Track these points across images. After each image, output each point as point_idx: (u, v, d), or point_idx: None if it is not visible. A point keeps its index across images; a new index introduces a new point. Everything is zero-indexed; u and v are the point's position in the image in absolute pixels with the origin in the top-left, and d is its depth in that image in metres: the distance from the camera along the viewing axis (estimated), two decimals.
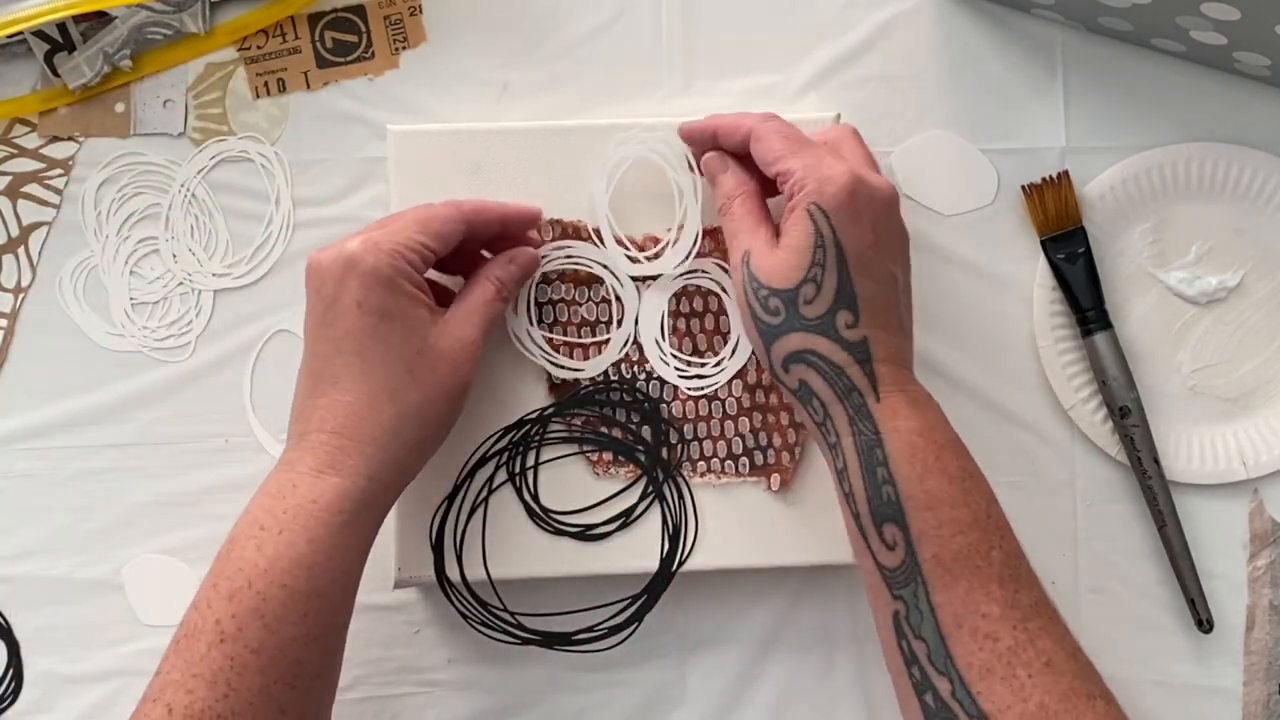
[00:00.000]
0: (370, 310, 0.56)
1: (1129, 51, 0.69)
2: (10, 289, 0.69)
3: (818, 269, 0.55)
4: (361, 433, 0.55)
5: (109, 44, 0.69)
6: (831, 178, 0.56)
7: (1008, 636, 0.51)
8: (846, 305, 0.55)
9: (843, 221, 0.55)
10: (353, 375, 0.56)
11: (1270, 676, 0.67)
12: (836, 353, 0.55)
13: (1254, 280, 0.69)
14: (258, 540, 0.53)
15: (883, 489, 0.53)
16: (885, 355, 0.55)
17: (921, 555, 0.52)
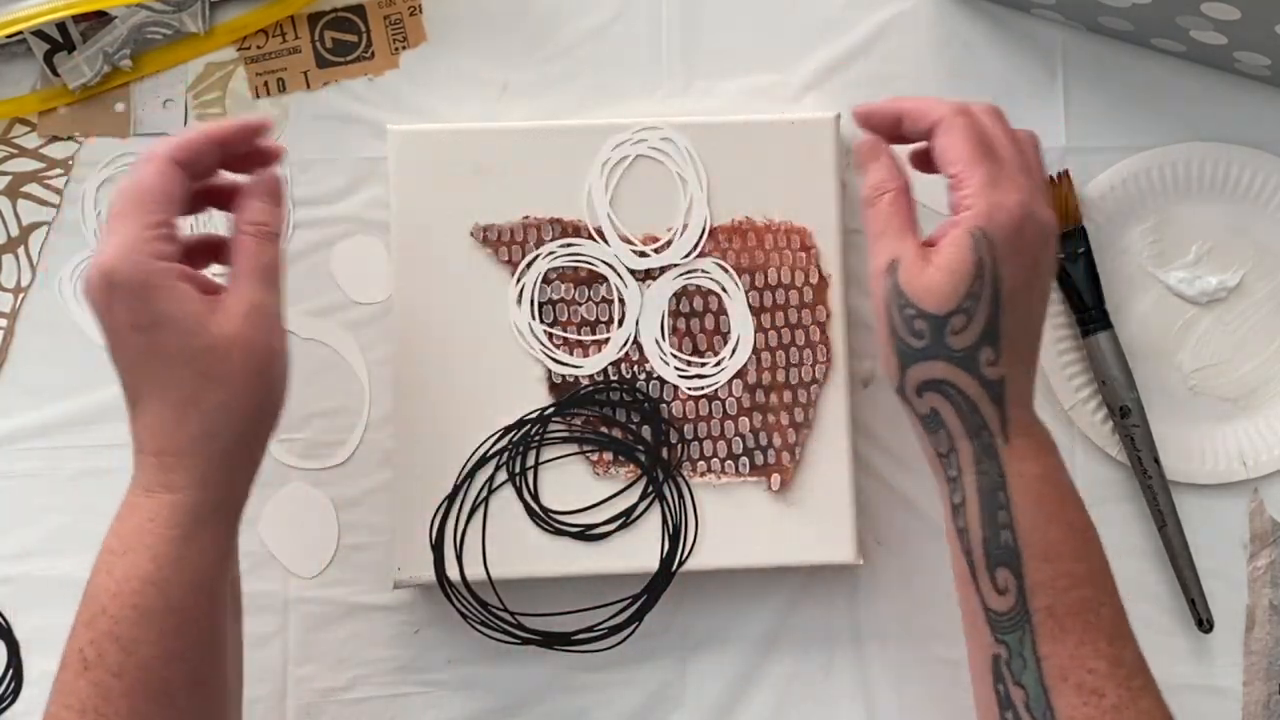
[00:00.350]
0: (142, 326, 0.52)
1: (1129, 51, 0.69)
2: (10, 289, 0.69)
3: (972, 300, 0.53)
4: (176, 447, 0.53)
5: (109, 44, 0.69)
6: (1005, 205, 0.53)
7: (1112, 694, 0.51)
8: (991, 341, 0.53)
9: (1005, 254, 0.53)
10: (151, 394, 0.53)
11: (1270, 676, 0.67)
12: (974, 388, 0.54)
13: (1254, 280, 0.69)
14: (107, 564, 0.52)
15: (1001, 533, 0.52)
16: (1017, 396, 0.54)
17: (1033, 604, 0.52)
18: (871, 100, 0.69)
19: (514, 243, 0.66)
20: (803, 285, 0.66)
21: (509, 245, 0.66)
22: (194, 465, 0.53)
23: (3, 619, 0.67)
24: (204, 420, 0.53)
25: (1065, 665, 0.51)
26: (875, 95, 0.69)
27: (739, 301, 0.65)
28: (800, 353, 0.65)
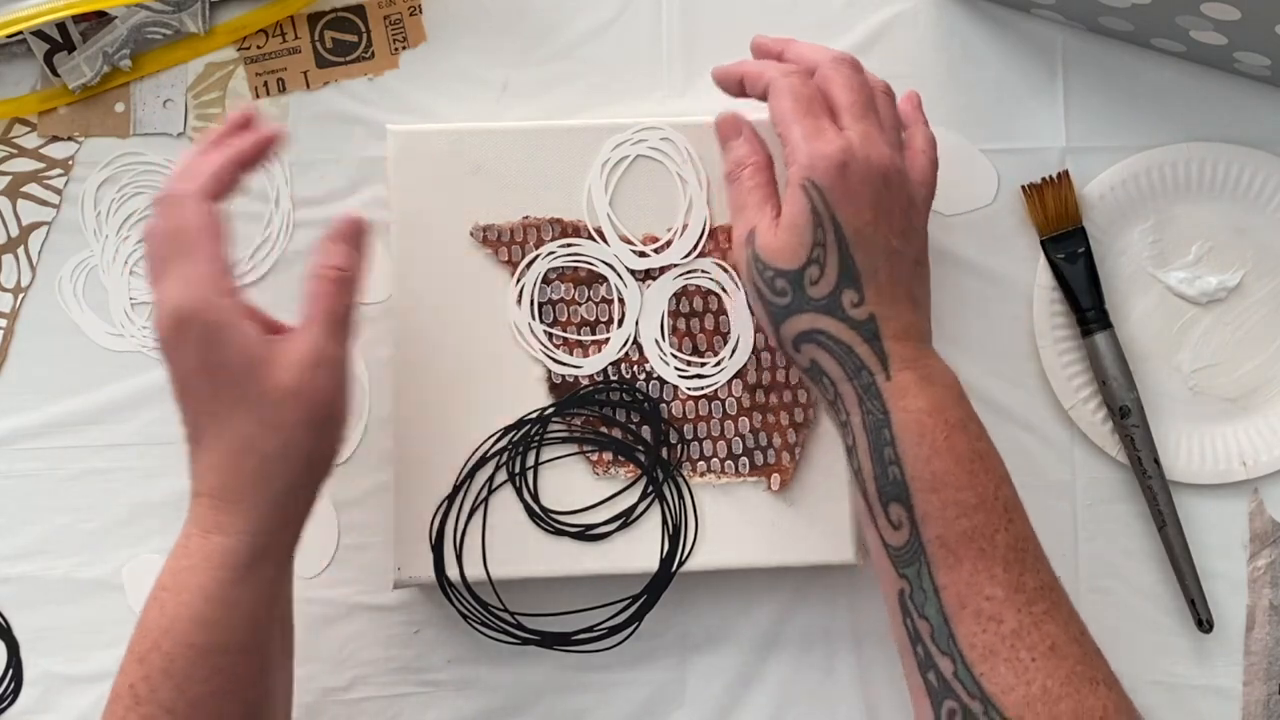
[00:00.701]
0: (208, 368, 0.53)
1: (1129, 51, 0.69)
2: (10, 289, 0.69)
3: (819, 249, 0.55)
4: (231, 492, 0.53)
5: (109, 44, 0.69)
6: (825, 153, 0.55)
7: (1011, 619, 0.51)
8: (850, 284, 0.55)
9: (837, 198, 0.55)
10: (210, 436, 0.54)
11: (1270, 676, 0.67)
12: (844, 331, 0.55)
13: (1254, 280, 0.69)
14: (160, 601, 0.53)
15: (889, 469, 0.53)
16: (895, 332, 0.55)
17: (925, 536, 0.52)
18: None
19: (514, 243, 0.66)
20: None
21: (509, 245, 0.66)
22: (247, 510, 0.53)
23: (3, 619, 0.67)
24: (259, 466, 0.53)
25: (963, 593, 0.52)
26: None
27: (739, 301, 0.65)
28: None
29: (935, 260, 0.68)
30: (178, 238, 0.54)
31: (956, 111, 0.69)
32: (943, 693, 0.51)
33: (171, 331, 0.53)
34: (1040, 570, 0.53)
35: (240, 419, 0.53)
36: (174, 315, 0.53)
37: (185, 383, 0.54)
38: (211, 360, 0.53)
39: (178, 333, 0.53)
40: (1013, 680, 0.50)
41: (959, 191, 0.69)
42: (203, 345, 0.53)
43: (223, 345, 0.53)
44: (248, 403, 0.53)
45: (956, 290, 0.69)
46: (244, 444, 0.53)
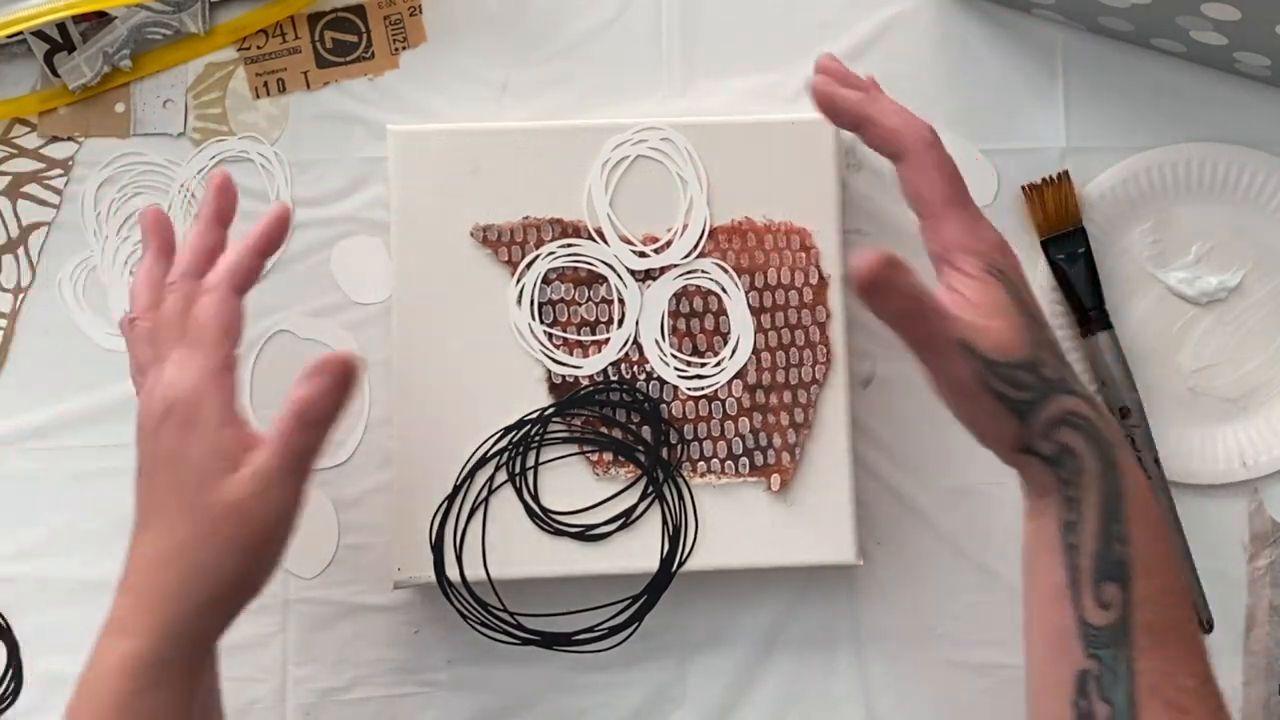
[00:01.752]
0: (171, 461, 0.53)
1: (1129, 51, 0.69)
2: (10, 289, 0.69)
3: (1035, 333, 0.54)
4: (150, 589, 0.52)
5: (109, 44, 0.69)
6: (995, 240, 0.55)
7: (1197, 713, 0.50)
8: (1061, 359, 0.54)
9: (1018, 279, 0.55)
10: (152, 531, 0.53)
11: (1270, 676, 0.67)
12: (1085, 408, 0.53)
13: (1254, 280, 0.69)
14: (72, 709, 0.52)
15: (1113, 545, 0.51)
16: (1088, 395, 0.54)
17: (1137, 620, 0.50)
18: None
19: (514, 243, 0.66)
20: (802, 285, 0.66)
21: (509, 245, 0.66)
22: (159, 616, 0.52)
23: (2, 619, 0.67)
24: (183, 574, 0.52)
25: (1157, 681, 0.50)
26: None
27: (739, 302, 0.65)
28: (800, 353, 0.65)
29: None
30: (197, 327, 0.54)
31: (956, 111, 0.69)
32: None
33: (157, 416, 0.53)
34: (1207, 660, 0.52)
35: (181, 522, 0.52)
36: (166, 400, 0.53)
37: (148, 469, 0.53)
38: (180, 452, 0.52)
39: (163, 417, 0.53)
40: None
41: None
42: (180, 435, 0.52)
43: (196, 440, 0.52)
44: (193, 509, 0.52)
45: None
46: (177, 548, 0.52)
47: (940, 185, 0.55)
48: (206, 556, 0.52)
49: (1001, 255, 0.55)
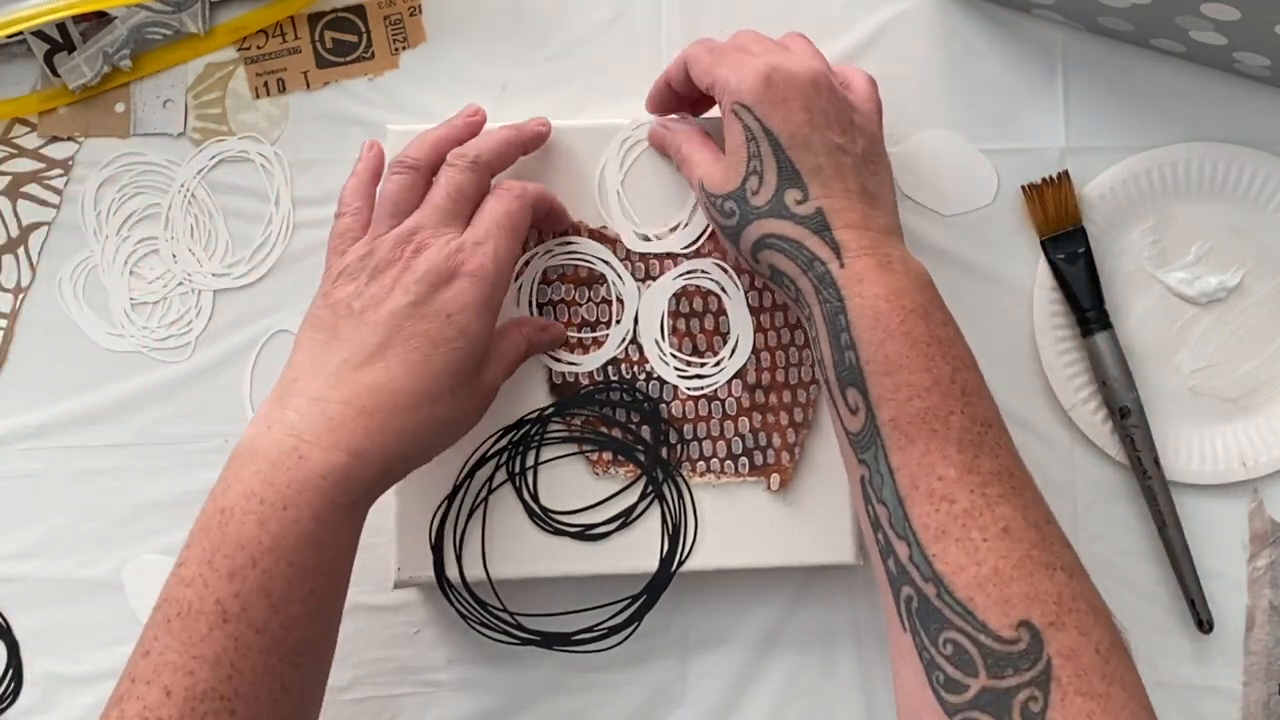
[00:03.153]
0: (457, 325, 0.56)
1: (1129, 51, 0.69)
2: (10, 289, 0.69)
3: (755, 160, 0.57)
4: (390, 423, 0.54)
5: (109, 44, 0.69)
6: (746, 73, 0.58)
7: (964, 499, 0.51)
8: (792, 184, 0.57)
9: (766, 110, 0.57)
10: (407, 367, 0.55)
11: (1270, 676, 0.67)
12: (791, 229, 0.56)
13: (1254, 280, 0.69)
14: (259, 515, 0.51)
15: (845, 354, 0.54)
16: (848, 222, 0.56)
17: (880, 419, 0.53)
18: None
19: None
20: None
21: None
22: (392, 446, 0.54)
23: (3, 619, 0.67)
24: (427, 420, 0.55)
25: (915, 474, 0.52)
26: None
27: (739, 301, 0.65)
28: (800, 353, 0.65)
29: (935, 260, 0.68)
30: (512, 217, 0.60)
31: (956, 111, 0.69)
32: (900, 579, 0.51)
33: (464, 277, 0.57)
34: (1000, 455, 0.53)
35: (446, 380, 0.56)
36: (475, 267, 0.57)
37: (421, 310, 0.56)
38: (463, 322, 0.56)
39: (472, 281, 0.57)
40: (964, 560, 0.50)
41: (959, 191, 0.69)
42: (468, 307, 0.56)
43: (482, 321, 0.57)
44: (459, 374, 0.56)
45: (956, 290, 0.68)
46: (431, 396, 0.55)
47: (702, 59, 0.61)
48: (449, 417, 0.57)
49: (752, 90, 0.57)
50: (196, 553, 0.52)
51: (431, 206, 0.59)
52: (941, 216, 0.69)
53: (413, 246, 0.58)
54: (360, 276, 0.57)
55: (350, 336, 0.56)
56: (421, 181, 0.61)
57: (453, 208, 0.59)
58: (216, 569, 0.51)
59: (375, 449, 0.54)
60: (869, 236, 0.56)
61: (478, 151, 0.61)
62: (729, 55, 0.60)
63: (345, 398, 0.54)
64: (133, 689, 0.50)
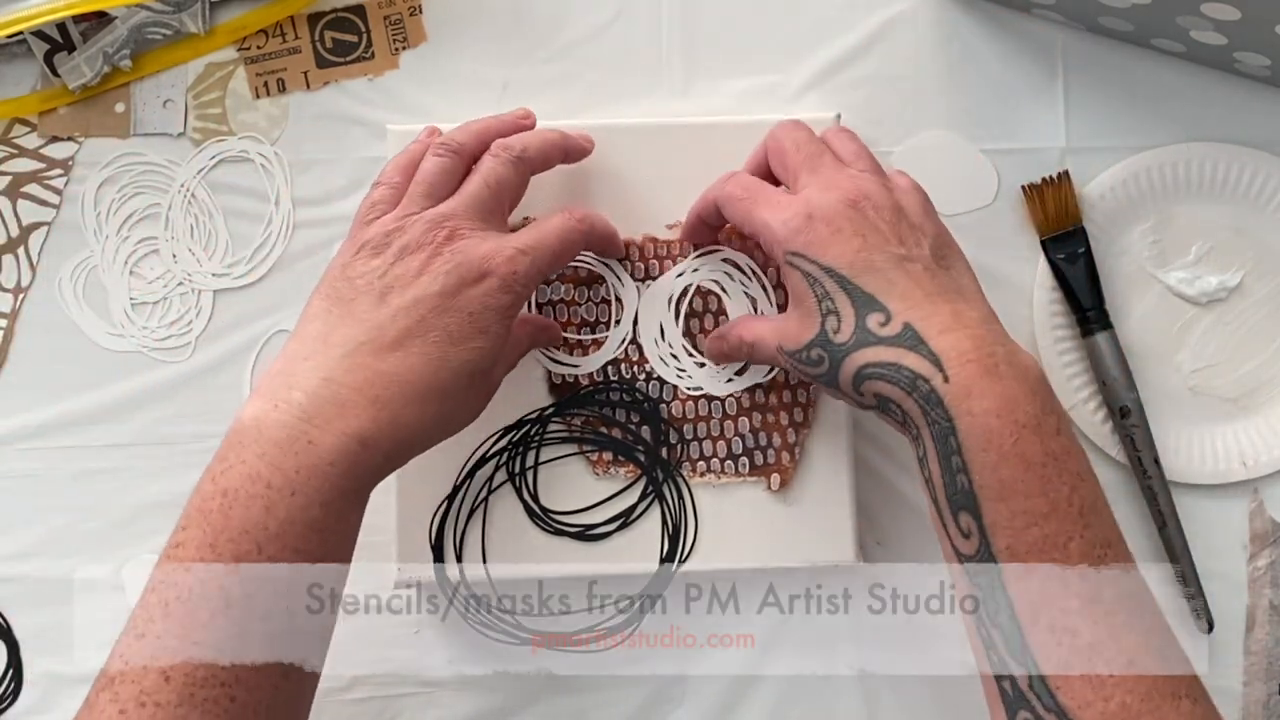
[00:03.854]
0: (478, 325, 0.55)
1: (1129, 51, 0.69)
2: (10, 289, 0.69)
3: (826, 301, 0.54)
4: (401, 415, 0.52)
5: (109, 44, 0.69)
6: (786, 218, 0.56)
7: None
8: (870, 309, 0.54)
9: (819, 250, 0.55)
10: (425, 361, 0.53)
11: (1270, 676, 0.67)
12: (885, 352, 0.53)
13: (1254, 280, 0.69)
14: (265, 500, 0.50)
15: (957, 477, 0.51)
16: (942, 327, 0.53)
17: (996, 546, 0.51)
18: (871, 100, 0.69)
19: None
20: None
21: None
22: (400, 438, 0.53)
23: (2, 619, 0.67)
24: (436, 415, 0.54)
25: (1035, 604, 0.50)
26: (875, 95, 0.69)
27: (739, 301, 0.65)
28: None
29: None
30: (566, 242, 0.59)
31: (956, 111, 0.69)
32: (1017, 702, 0.50)
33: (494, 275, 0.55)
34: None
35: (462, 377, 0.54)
36: (505, 264, 0.55)
37: (447, 304, 0.54)
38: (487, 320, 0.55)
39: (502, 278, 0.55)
40: (1090, 696, 0.49)
41: (959, 192, 0.69)
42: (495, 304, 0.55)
43: (505, 321, 0.55)
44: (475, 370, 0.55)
45: None
46: (443, 391, 0.54)
47: (741, 210, 0.58)
48: (454, 411, 0.56)
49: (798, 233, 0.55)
50: (196, 535, 0.50)
51: (468, 194, 0.57)
52: (942, 216, 0.69)
53: (445, 232, 0.55)
54: (385, 253, 0.55)
55: (367, 316, 0.54)
56: (461, 167, 0.59)
57: (490, 199, 0.58)
58: (220, 553, 0.50)
59: (384, 439, 0.52)
60: (968, 337, 0.52)
61: (524, 146, 0.59)
62: (762, 199, 0.58)
63: (358, 384, 0.52)
64: (127, 671, 0.49)
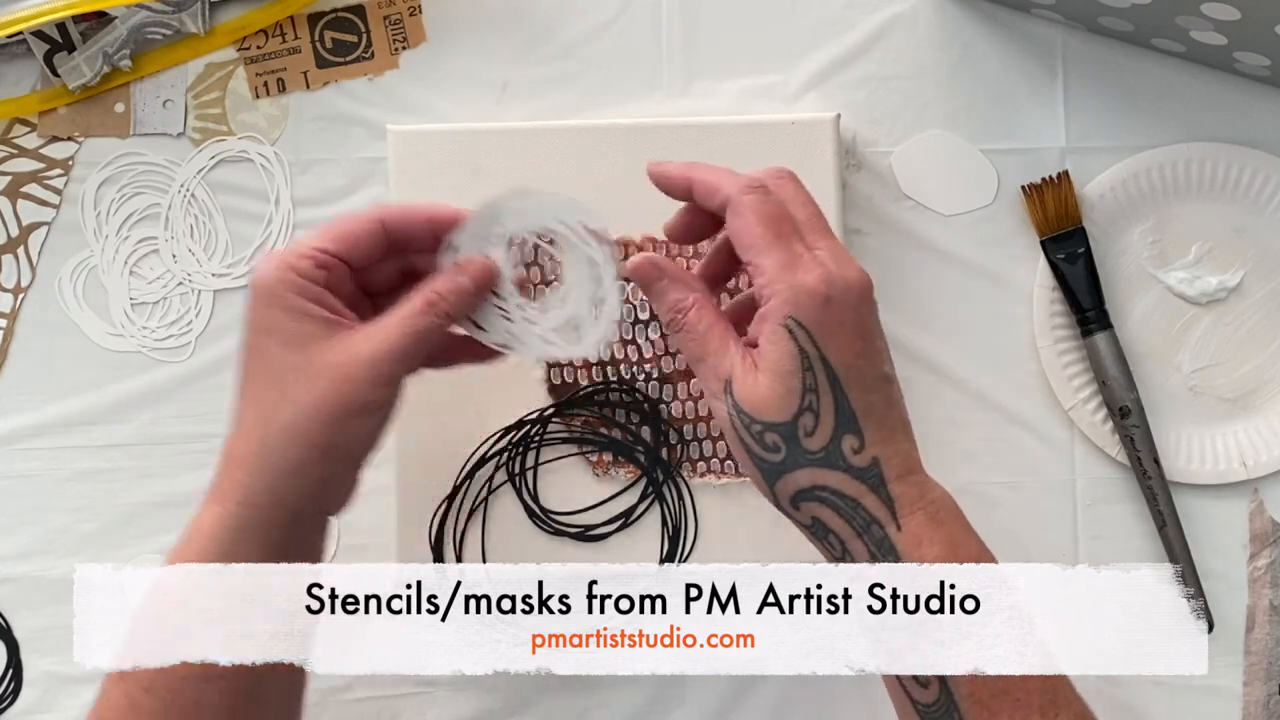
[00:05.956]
0: (256, 328, 0.52)
1: (1129, 51, 0.69)
2: (10, 289, 0.69)
3: (811, 395, 0.49)
4: (234, 455, 0.52)
5: (109, 44, 0.69)
6: (807, 285, 0.50)
7: None
8: (849, 429, 0.50)
9: (825, 335, 0.50)
10: (243, 397, 0.53)
11: (1270, 676, 0.67)
12: (848, 484, 0.50)
13: (1254, 280, 0.69)
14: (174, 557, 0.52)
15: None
16: (897, 471, 0.50)
17: (959, 694, 0.49)
18: (871, 100, 0.69)
19: (513, 244, 0.66)
20: None
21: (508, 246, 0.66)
22: (241, 479, 0.51)
23: (3, 619, 0.67)
24: (263, 437, 0.51)
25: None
26: (875, 95, 0.69)
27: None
28: None
29: (935, 260, 0.68)
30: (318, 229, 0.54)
31: (956, 111, 0.69)
32: None
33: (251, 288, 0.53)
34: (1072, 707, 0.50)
35: (267, 384, 0.52)
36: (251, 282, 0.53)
37: (244, 344, 0.53)
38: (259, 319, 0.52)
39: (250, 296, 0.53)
40: None
41: (959, 192, 0.69)
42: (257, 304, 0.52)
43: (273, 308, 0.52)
44: (277, 369, 0.52)
45: (957, 290, 0.69)
46: (260, 409, 0.52)
47: (753, 228, 0.51)
48: (288, 420, 0.51)
49: (812, 308, 0.50)
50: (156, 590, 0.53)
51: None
52: (941, 216, 0.69)
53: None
54: None
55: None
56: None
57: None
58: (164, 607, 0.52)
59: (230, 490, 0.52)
60: (915, 483, 0.50)
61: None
62: (781, 246, 0.51)
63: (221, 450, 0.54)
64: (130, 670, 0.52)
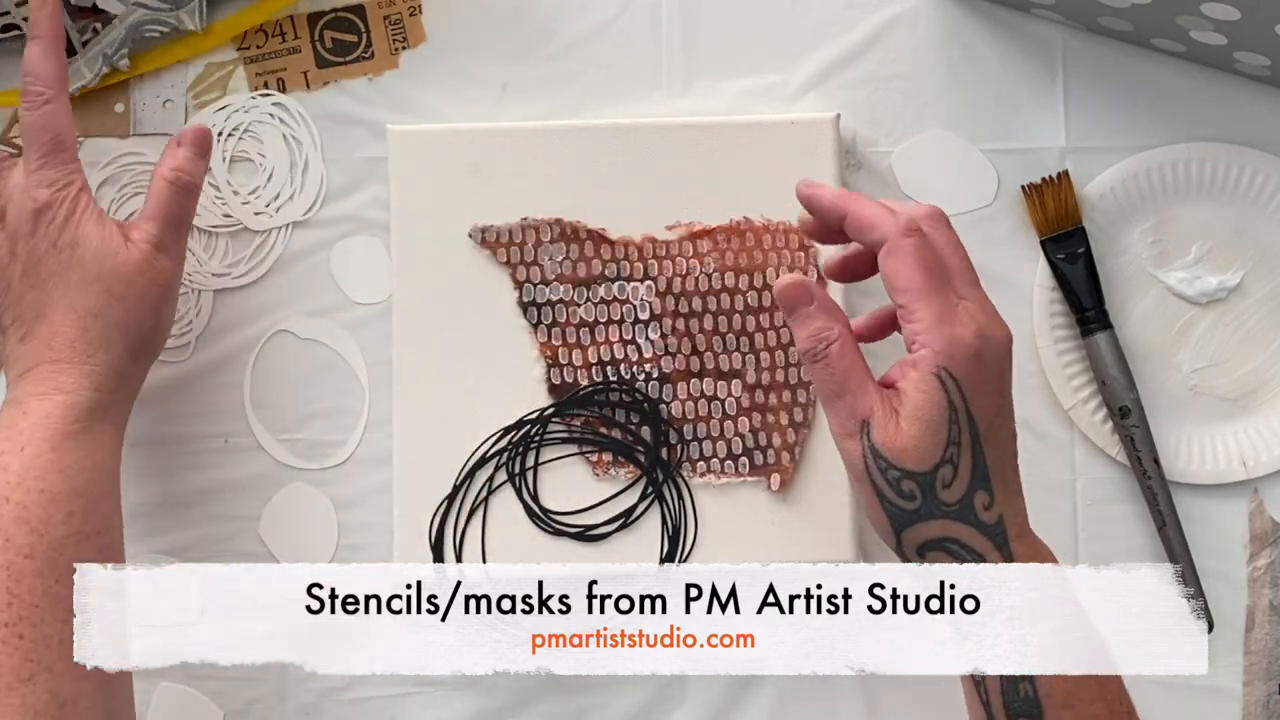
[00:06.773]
0: (64, 245, 0.59)
1: (1129, 51, 0.69)
2: None
3: (954, 448, 0.50)
4: (77, 354, 0.59)
5: (108, 45, 0.69)
6: (963, 339, 0.51)
7: None
8: (982, 485, 0.51)
9: (973, 390, 0.50)
10: (58, 307, 0.59)
11: (1270, 676, 0.67)
12: (976, 539, 0.51)
13: (1254, 280, 0.69)
14: (2, 463, 0.56)
15: (1019, 685, 0.50)
16: (1017, 531, 0.51)
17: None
18: (871, 100, 0.69)
19: (513, 244, 0.66)
20: None
21: (508, 246, 0.66)
22: (89, 371, 0.59)
23: None
24: (104, 331, 0.59)
25: None
26: (875, 95, 0.69)
27: (738, 301, 0.65)
28: None
29: None
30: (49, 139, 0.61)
31: (956, 111, 0.69)
32: None
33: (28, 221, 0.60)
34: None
35: (91, 290, 0.59)
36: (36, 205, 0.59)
37: (35, 262, 0.59)
38: (66, 239, 0.59)
39: (33, 219, 0.59)
40: None
41: (959, 192, 0.69)
42: (59, 226, 0.59)
43: (79, 225, 0.60)
44: (97, 274, 0.59)
45: None
46: (90, 312, 0.59)
47: (912, 274, 0.51)
48: (121, 314, 0.60)
49: (965, 361, 0.51)
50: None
51: None
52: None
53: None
54: None
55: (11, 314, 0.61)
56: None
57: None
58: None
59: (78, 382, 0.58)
60: (1030, 544, 0.52)
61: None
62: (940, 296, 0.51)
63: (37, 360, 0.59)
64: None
